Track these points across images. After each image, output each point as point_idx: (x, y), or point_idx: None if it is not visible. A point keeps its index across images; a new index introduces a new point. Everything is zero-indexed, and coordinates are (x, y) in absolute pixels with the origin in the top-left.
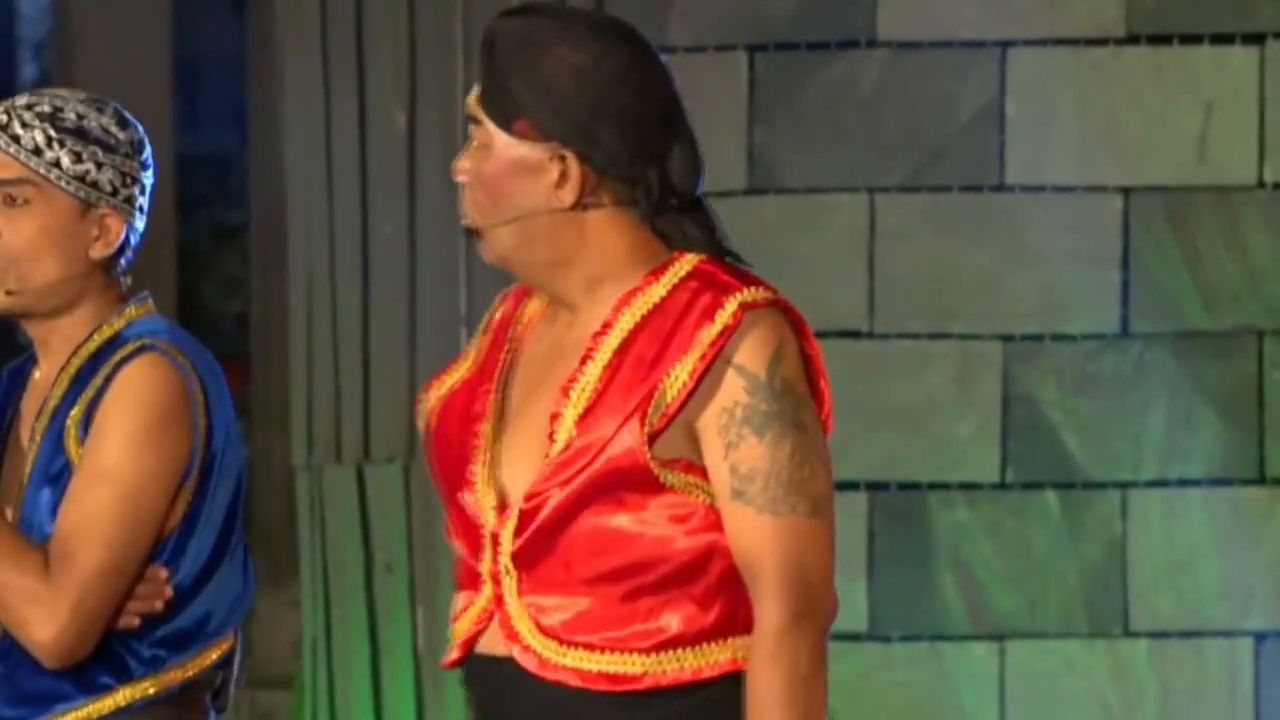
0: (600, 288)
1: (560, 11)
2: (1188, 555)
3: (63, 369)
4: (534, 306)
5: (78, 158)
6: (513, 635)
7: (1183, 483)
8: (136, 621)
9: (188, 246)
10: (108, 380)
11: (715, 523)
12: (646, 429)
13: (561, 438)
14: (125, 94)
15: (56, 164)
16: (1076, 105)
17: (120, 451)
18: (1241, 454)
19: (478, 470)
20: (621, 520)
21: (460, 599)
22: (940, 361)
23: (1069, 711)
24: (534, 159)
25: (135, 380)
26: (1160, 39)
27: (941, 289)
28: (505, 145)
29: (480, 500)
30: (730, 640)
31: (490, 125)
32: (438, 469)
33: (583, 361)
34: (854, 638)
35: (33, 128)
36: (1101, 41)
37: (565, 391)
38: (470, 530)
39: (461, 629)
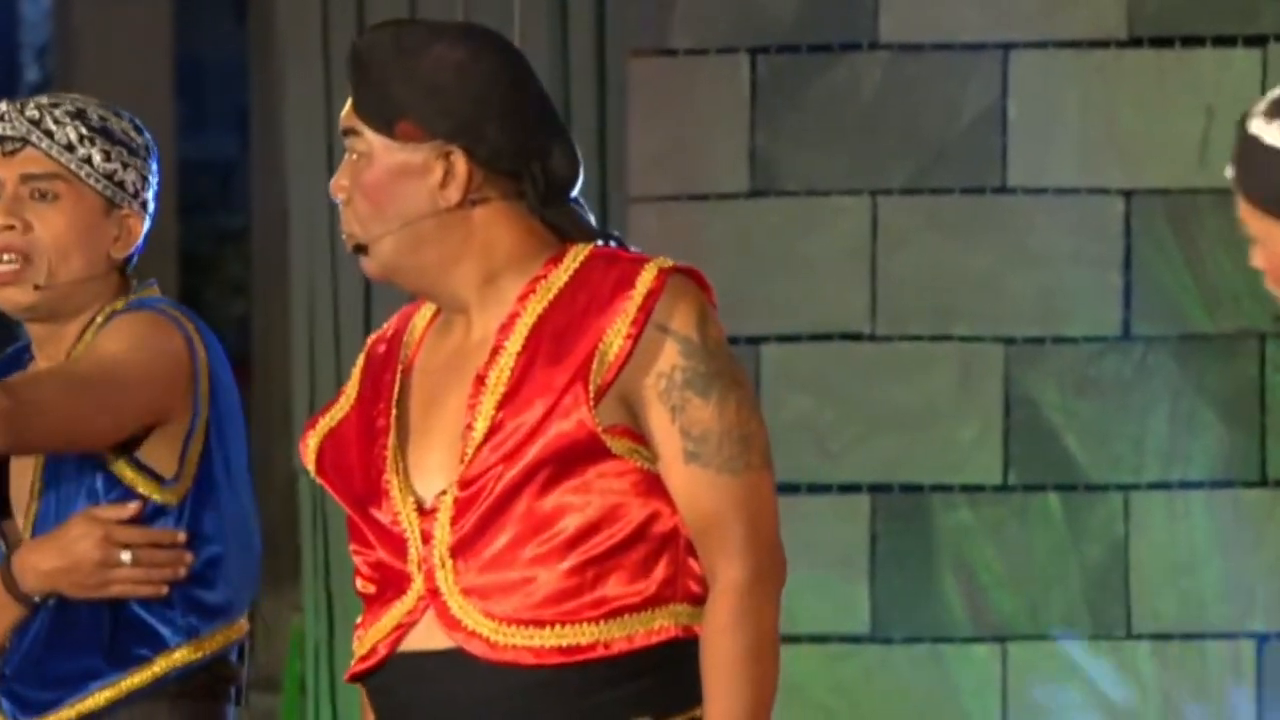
0: (495, 283)
1: (425, 20)
2: (1190, 557)
3: (67, 358)
4: (420, 322)
5: (107, 156)
6: (454, 625)
7: (1185, 485)
8: (165, 590)
9: (189, 250)
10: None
11: (653, 489)
12: (590, 398)
13: (481, 425)
14: (127, 97)
15: (88, 161)
16: (1078, 107)
17: (113, 345)
18: (1243, 456)
19: (391, 479)
20: (565, 494)
21: (370, 610)
22: (942, 364)
23: (1071, 714)
24: (417, 161)
25: (132, 317)
26: (1162, 41)
27: (943, 291)
28: (386, 150)
29: (398, 505)
30: (672, 607)
31: (369, 133)
32: (341, 492)
33: (493, 354)
34: (856, 640)
35: (64, 124)
36: (1103, 44)
37: (480, 382)
38: (390, 537)
39: (379, 632)
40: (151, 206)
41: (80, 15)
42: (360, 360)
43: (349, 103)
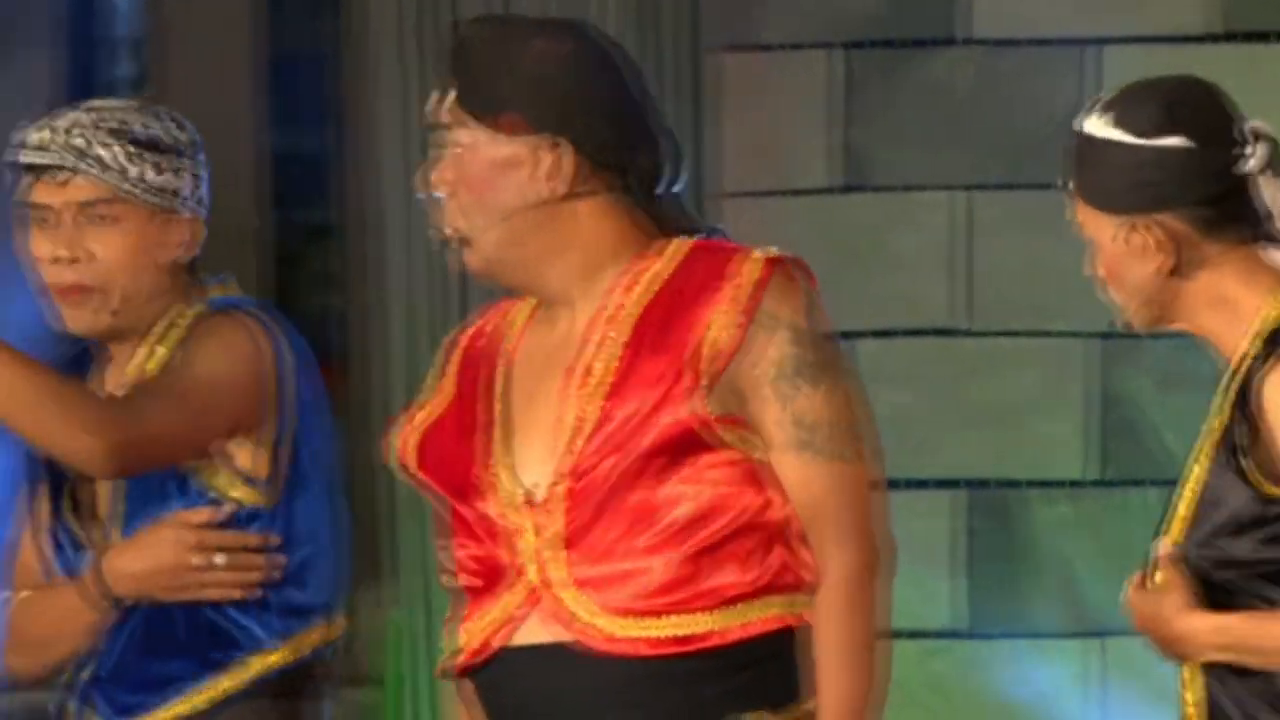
0: (598, 275)
1: (524, 15)
2: None
3: (150, 357)
4: (519, 316)
5: (158, 168)
6: (567, 617)
7: None
8: (257, 593)
9: (280, 244)
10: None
11: (764, 477)
12: (702, 388)
13: (590, 416)
14: (218, 91)
15: (140, 179)
16: None
17: (199, 356)
18: None
19: (498, 472)
20: (677, 484)
21: (475, 604)
22: (1036, 359)
23: (1170, 708)
24: (522, 153)
25: (217, 324)
26: (1256, 35)
27: (1036, 286)
28: (490, 143)
29: (505, 498)
30: (783, 596)
31: (473, 126)
32: (441, 487)
33: (598, 345)
34: (952, 635)
35: (111, 146)
36: (1196, 38)
37: (586, 373)
38: (496, 530)
39: (485, 625)
40: (206, 199)
41: (171, 8)
42: (455, 355)
43: (448, 96)
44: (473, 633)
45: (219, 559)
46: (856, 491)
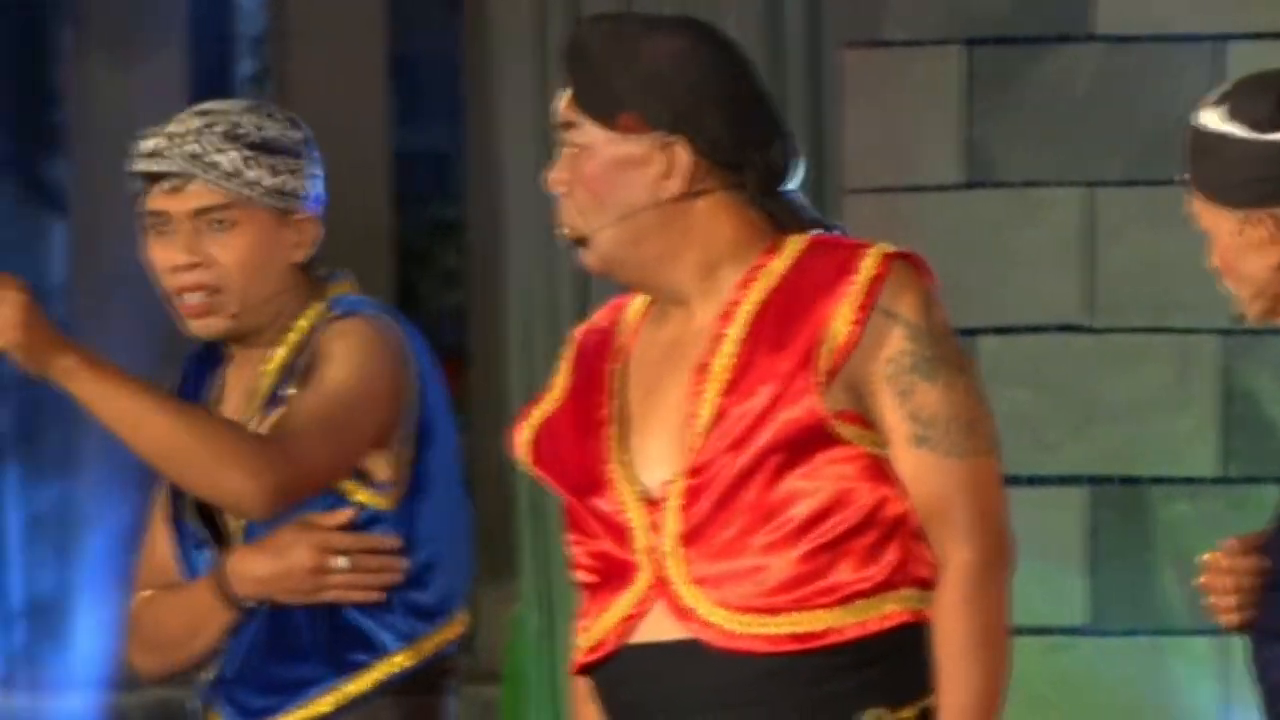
0: (715, 273)
1: (639, 13)
2: None
3: (272, 361)
4: (633, 313)
5: (273, 170)
6: (686, 614)
7: None
8: (382, 596)
9: (405, 241)
10: (318, 343)
11: (882, 474)
12: (819, 384)
13: (706, 413)
14: (342, 89)
15: (257, 182)
16: None
17: (343, 370)
18: None
19: (615, 469)
20: (795, 480)
21: (595, 601)
22: (1160, 355)
23: None
24: (639, 152)
25: (351, 329)
26: None
27: (1160, 282)
28: (607, 142)
29: (622, 495)
30: (902, 592)
31: (589, 125)
32: (557, 483)
33: (715, 342)
34: (1075, 632)
35: (226, 151)
36: None
37: (702, 370)
38: (613, 526)
39: (606, 623)
40: (323, 197)
41: (295, 6)
42: (569, 352)
43: (565, 95)
44: (592, 630)
45: (342, 562)
46: (975, 487)
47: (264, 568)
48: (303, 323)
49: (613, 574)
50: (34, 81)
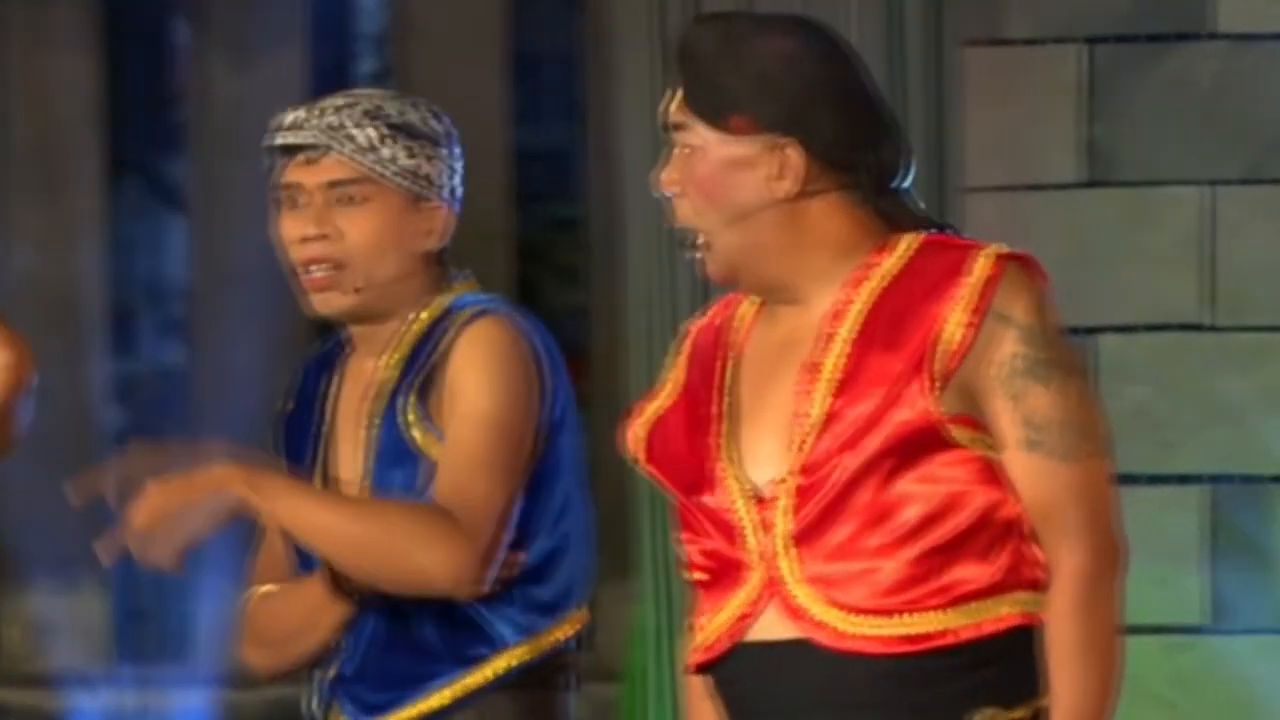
0: (829, 273)
1: (749, 13)
2: None
3: (391, 353)
4: (748, 310)
5: (410, 153)
6: (799, 614)
7: None
8: (500, 588)
9: (525, 239)
10: (448, 347)
11: (995, 477)
12: (934, 387)
13: (817, 413)
14: (462, 87)
15: (392, 161)
16: None
17: (490, 397)
18: None
19: (725, 467)
20: (908, 483)
21: (709, 599)
22: (1279, 354)
23: None
24: (750, 154)
25: (484, 335)
26: None
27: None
28: (718, 144)
29: (732, 493)
30: (1014, 594)
31: (701, 127)
32: (668, 480)
33: (826, 341)
34: (1195, 631)
35: (365, 127)
36: None
37: (813, 369)
38: (724, 524)
39: (720, 622)
40: (459, 192)
41: (416, 4)
42: (683, 348)
43: (676, 97)
44: (706, 629)
45: None
46: (1087, 490)
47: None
48: (425, 315)
49: (725, 573)
50: (154, 82)
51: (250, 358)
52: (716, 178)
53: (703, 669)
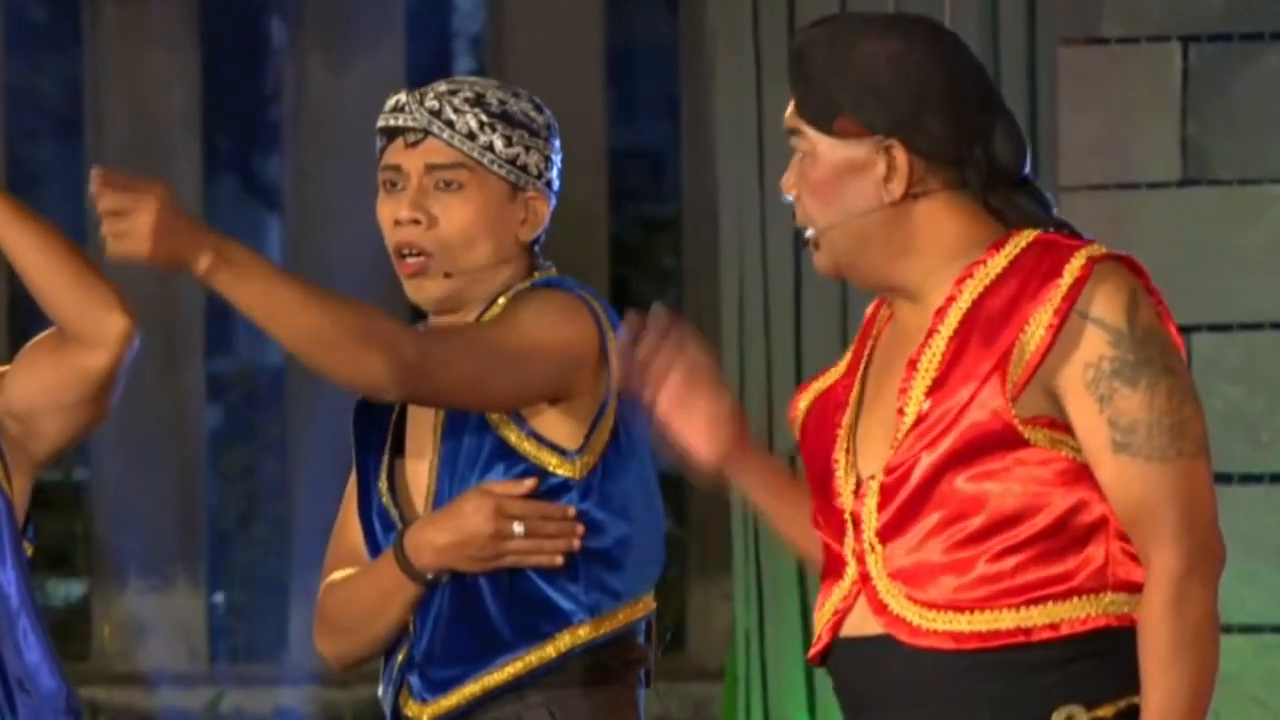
0: (942, 272)
1: (858, 14)
2: None
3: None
4: (886, 308)
5: (509, 141)
6: (881, 609)
7: None
8: (559, 560)
9: (619, 239)
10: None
11: (1079, 478)
12: (1008, 388)
13: (911, 410)
14: (559, 86)
15: (490, 148)
16: None
17: (511, 313)
18: None
19: (839, 457)
20: (985, 481)
21: (821, 592)
22: None
23: None
24: (859, 157)
25: (539, 293)
26: None
27: None
28: (830, 149)
29: (841, 484)
30: (1101, 596)
31: (811, 132)
32: (807, 462)
33: (927, 337)
34: None
35: (464, 113)
36: None
37: (912, 366)
38: (832, 515)
39: (824, 616)
40: (556, 184)
41: (513, 5)
42: (862, 327)
43: (791, 103)
44: (817, 623)
45: (518, 528)
46: (1179, 490)
47: (442, 536)
48: (502, 300)
49: (831, 566)
50: (251, 80)
51: None
52: (828, 182)
53: (815, 663)
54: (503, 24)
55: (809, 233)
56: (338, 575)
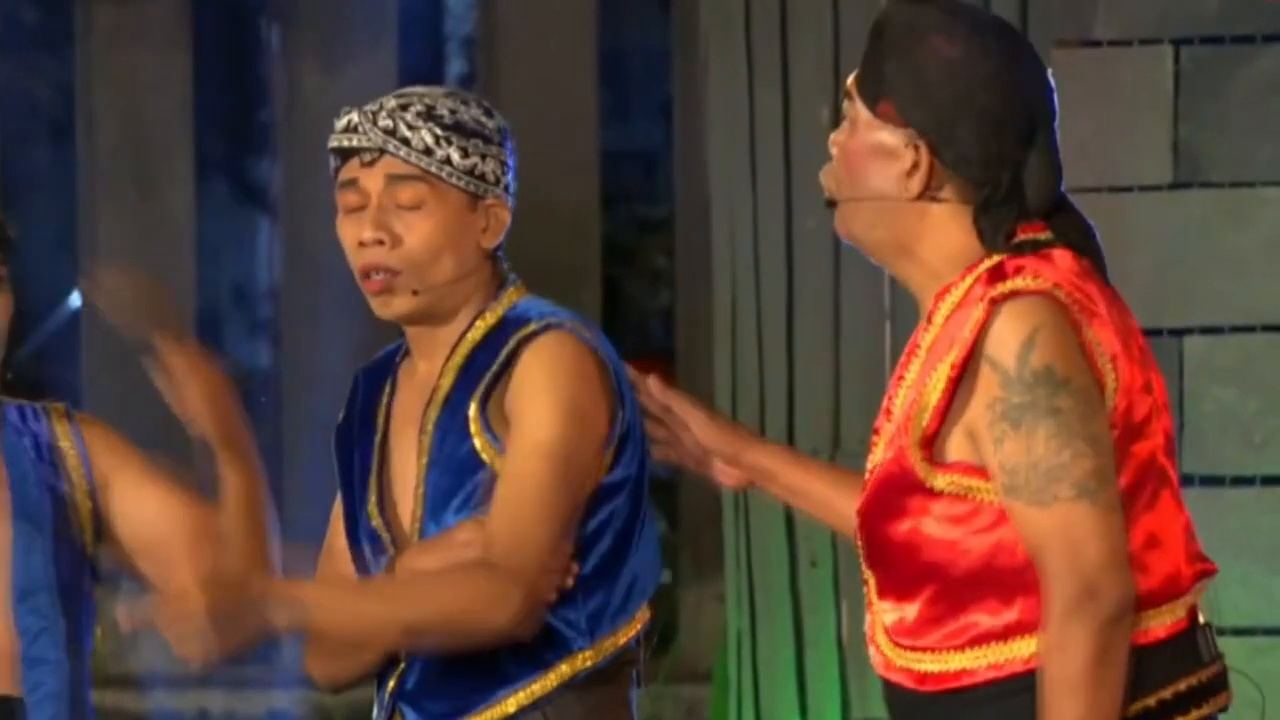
0: (933, 282)
1: (951, 5)
2: None
3: (448, 359)
4: None
5: (465, 152)
6: (872, 637)
7: None
8: (553, 596)
9: (612, 240)
10: (511, 358)
11: (998, 521)
12: (915, 433)
13: (878, 454)
14: (551, 88)
15: (448, 161)
16: None
17: (551, 424)
18: None
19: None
20: (910, 525)
21: None
22: None
23: None
24: (892, 143)
25: (550, 354)
26: None
27: None
28: (869, 125)
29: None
30: (1035, 635)
31: (859, 103)
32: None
33: (908, 355)
34: None
35: (418, 128)
36: None
37: (898, 381)
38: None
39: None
40: (513, 188)
41: (505, 7)
42: None
43: (858, 69)
44: None
45: None
46: (1056, 536)
47: (437, 564)
48: (481, 324)
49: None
50: (243, 82)
51: (338, 359)
52: (859, 154)
53: None
54: (495, 26)
55: (831, 197)
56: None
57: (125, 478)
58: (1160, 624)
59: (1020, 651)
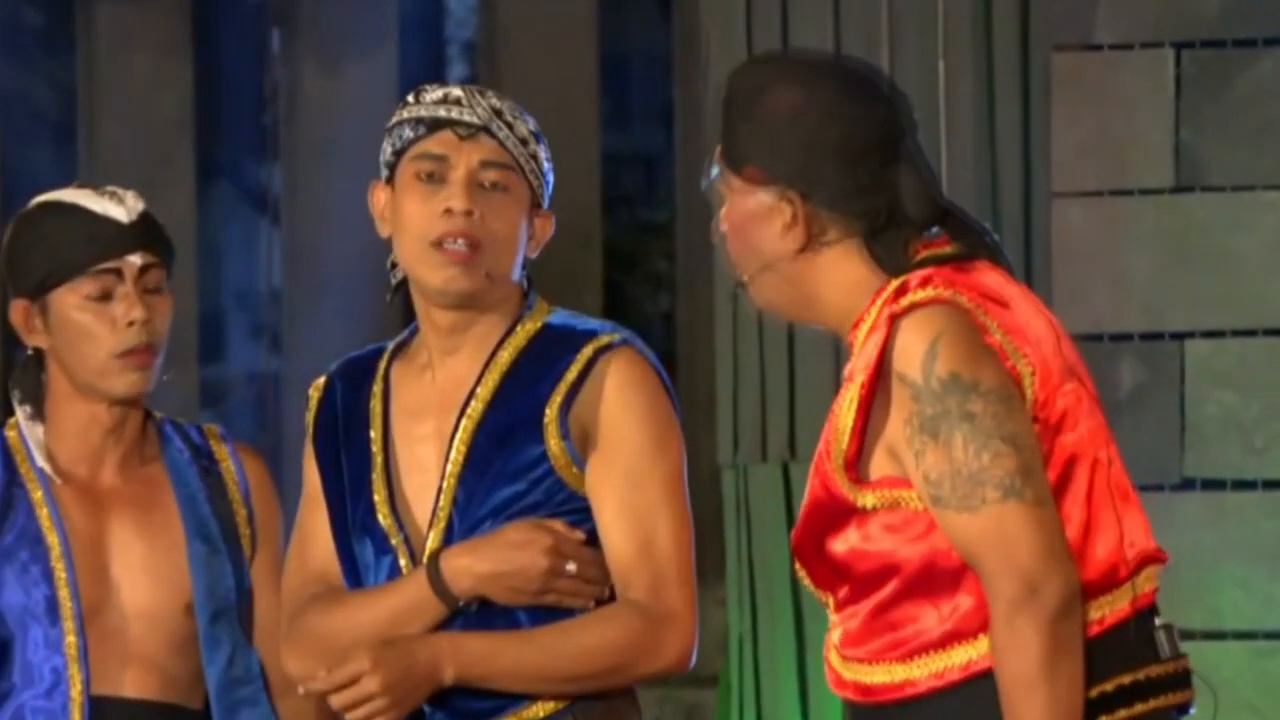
0: (846, 320)
1: (785, 55)
2: None
3: (489, 361)
4: None
5: (546, 158)
6: (826, 655)
7: None
8: (590, 604)
9: (613, 243)
10: (584, 373)
11: (928, 530)
12: (837, 458)
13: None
14: (553, 92)
15: (535, 157)
16: None
17: (656, 454)
18: None
19: None
20: (849, 540)
21: None
22: None
23: None
24: (767, 202)
25: (636, 378)
26: None
27: None
28: (741, 191)
29: None
30: (979, 640)
31: (729, 174)
32: None
33: (846, 383)
34: None
35: (518, 119)
36: None
37: (832, 417)
38: None
39: None
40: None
41: (506, 10)
42: None
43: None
44: None
45: (571, 566)
46: (988, 538)
47: (488, 564)
48: (521, 333)
49: None
50: (245, 85)
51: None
52: (743, 224)
53: None
54: (497, 30)
55: (741, 277)
56: (323, 598)
57: (266, 534)
58: (1097, 616)
59: (957, 659)
